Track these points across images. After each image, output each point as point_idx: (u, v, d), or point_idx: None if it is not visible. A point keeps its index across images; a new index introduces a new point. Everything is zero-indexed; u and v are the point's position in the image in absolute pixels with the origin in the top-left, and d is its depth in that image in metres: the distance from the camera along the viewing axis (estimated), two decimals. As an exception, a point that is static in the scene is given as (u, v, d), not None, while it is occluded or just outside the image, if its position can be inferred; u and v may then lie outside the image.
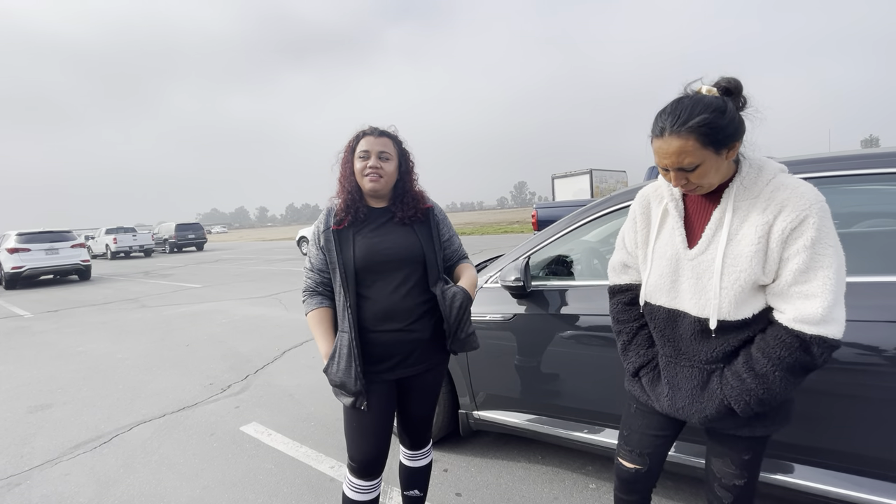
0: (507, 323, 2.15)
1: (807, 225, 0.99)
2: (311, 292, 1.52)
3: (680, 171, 1.05)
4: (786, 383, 1.03)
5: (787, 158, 1.74)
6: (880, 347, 1.36)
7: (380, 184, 1.47)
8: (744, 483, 1.18)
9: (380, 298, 1.44)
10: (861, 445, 1.41)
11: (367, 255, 1.44)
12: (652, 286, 1.21)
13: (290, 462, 2.53)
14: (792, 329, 1.01)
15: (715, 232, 1.09)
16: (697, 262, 1.11)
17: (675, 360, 1.20)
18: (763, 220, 1.03)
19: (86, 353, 5.09)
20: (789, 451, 1.53)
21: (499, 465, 2.38)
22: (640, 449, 1.31)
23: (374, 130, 1.50)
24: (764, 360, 1.04)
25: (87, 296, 9.82)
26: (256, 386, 3.76)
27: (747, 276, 1.04)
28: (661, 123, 1.04)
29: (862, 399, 1.39)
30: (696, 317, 1.12)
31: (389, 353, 1.46)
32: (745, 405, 1.06)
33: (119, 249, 21.52)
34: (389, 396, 1.51)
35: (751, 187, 1.06)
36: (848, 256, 1.63)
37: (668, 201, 1.19)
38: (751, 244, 1.03)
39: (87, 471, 2.57)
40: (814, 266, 0.99)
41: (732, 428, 1.15)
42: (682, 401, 1.18)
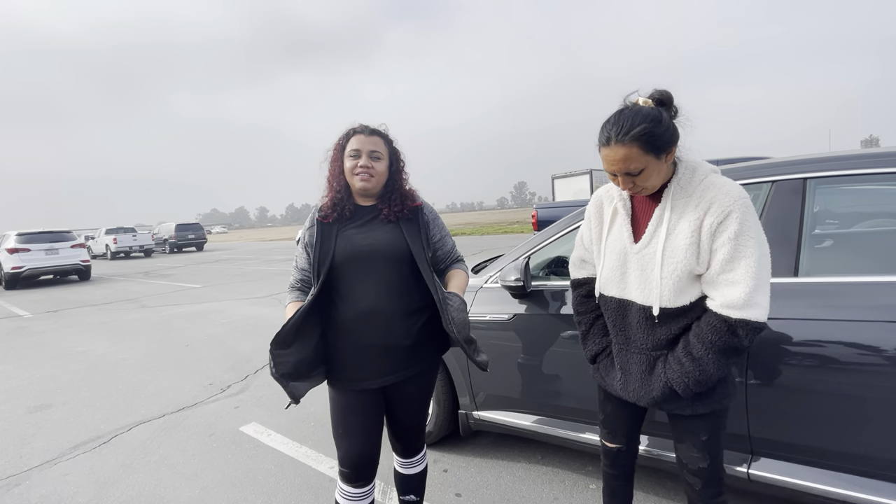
0: (508, 323, 2.15)
1: (731, 219, 1.11)
2: (292, 288, 1.53)
3: (627, 176, 1.16)
4: (718, 365, 1.16)
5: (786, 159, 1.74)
6: (881, 347, 1.35)
7: (371, 183, 1.44)
8: (708, 465, 1.27)
9: (361, 298, 1.40)
10: (863, 446, 1.41)
11: (347, 253, 1.40)
12: (604, 279, 1.33)
13: (290, 462, 2.53)
14: (720, 314, 1.13)
15: (656, 228, 1.22)
16: (641, 255, 1.23)
17: (627, 348, 1.31)
18: (695, 216, 1.15)
19: (85, 354, 5.08)
20: (792, 452, 1.53)
21: (499, 466, 2.37)
22: (616, 430, 1.45)
23: (365, 129, 1.46)
24: (699, 344, 1.16)
25: (86, 296, 9.81)
26: (256, 386, 3.75)
27: (683, 266, 1.16)
28: (607, 133, 1.15)
29: (863, 399, 1.39)
30: (641, 305, 1.24)
31: (370, 358, 1.41)
32: (684, 386, 1.18)
33: (119, 249, 21.52)
34: (375, 405, 1.46)
35: (686, 187, 1.19)
36: (849, 256, 1.63)
37: (618, 201, 1.32)
38: (685, 238, 1.16)
39: (86, 471, 2.56)
40: (737, 256, 1.11)
41: (678, 409, 1.26)
42: (633, 384, 1.30)
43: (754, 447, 1.59)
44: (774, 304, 1.52)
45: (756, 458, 1.59)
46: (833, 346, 1.42)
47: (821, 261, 1.59)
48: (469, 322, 1.51)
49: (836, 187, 1.64)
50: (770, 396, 1.52)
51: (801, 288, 1.52)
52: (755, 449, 1.59)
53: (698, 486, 1.30)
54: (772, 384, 1.51)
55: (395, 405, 1.53)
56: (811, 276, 1.52)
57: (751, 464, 1.59)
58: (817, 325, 1.45)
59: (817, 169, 1.60)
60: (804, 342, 1.47)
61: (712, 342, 1.14)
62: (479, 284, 2.34)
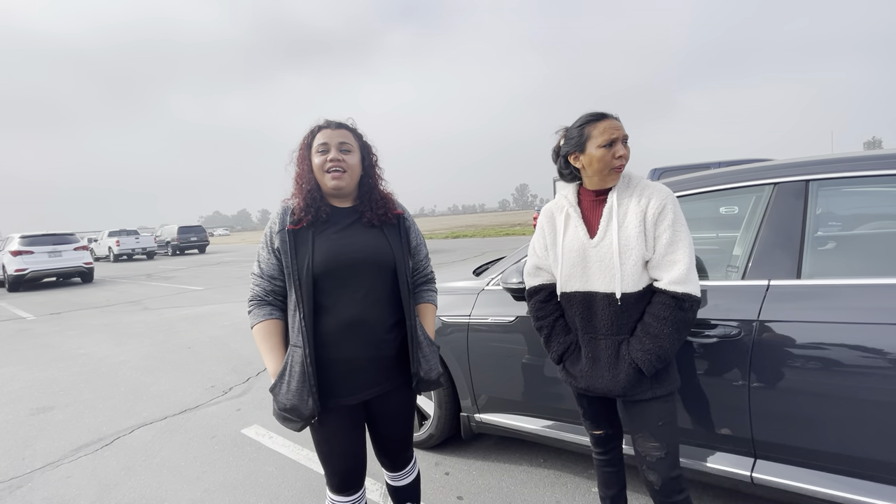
0: (510, 325, 2.14)
1: (667, 210, 1.34)
2: (260, 302, 1.35)
3: (624, 144, 1.37)
4: (672, 339, 1.32)
5: (788, 161, 1.73)
6: (885, 350, 1.35)
7: (343, 179, 1.33)
8: (665, 454, 1.37)
9: (344, 309, 1.29)
10: (867, 449, 1.40)
11: (329, 259, 1.28)
12: (566, 276, 1.45)
13: (292, 465, 2.53)
14: (668, 290, 1.32)
15: (608, 223, 1.38)
16: (599, 248, 1.38)
17: (594, 336, 1.42)
18: (639, 209, 1.35)
19: (88, 356, 5.09)
20: (795, 455, 1.52)
21: (501, 469, 2.37)
22: (596, 420, 1.59)
23: (331, 123, 1.37)
24: (655, 322, 1.33)
25: (89, 298, 9.84)
26: (258, 388, 3.76)
27: (636, 251, 1.33)
28: (603, 112, 1.39)
29: (867, 402, 1.38)
30: (605, 293, 1.37)
31: (352, 372, 1.31)
32: (648, 363, 1.32)
33: (122, 252, 21.58)
34: (356, 420, 1.38)
35: (626, 189, 1.40)
36: (852, 259, 1.63)
37: (568, 208, 1.47)
38: (635, 226, 1.34)
39: (88, 473, 2.57)
40: (675, 240, 1.33)
41: (640, 393, 1.37)
42: (601, 370, 1.41)
43: (757, 450, 1.58)
44: (778, 307, 1.52)
45: (759, 462, 1.58)
46: (836, 349, 1.41)
47: (823, 263, 1.58)
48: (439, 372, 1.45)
49: (838, 189, 1.63)
50: (773, 399, 1.51)
51: (803, 290, 1.51)
52: (758, 452, 1.58)
53: (658, 483, 1.38)
54: (775, 387, 1.51)
55: (380, 420, 1.44)
56: (814, 279, 1.52)
57: (754, 467, 1.58)
58: (820, 327, 1.45)
59: (820, 171, 1.59)
60: (807, 345, 1.46)
61: (665, 318, 1.31)
62: (481, 287, 2.34)
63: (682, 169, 7.50)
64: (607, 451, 1.62)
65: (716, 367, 1.59)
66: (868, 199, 1.77)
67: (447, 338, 2.36)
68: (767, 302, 1.53)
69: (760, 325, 1.52)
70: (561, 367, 1.54)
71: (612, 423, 1.59)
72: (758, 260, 1.61)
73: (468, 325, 2.29)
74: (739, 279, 1.63)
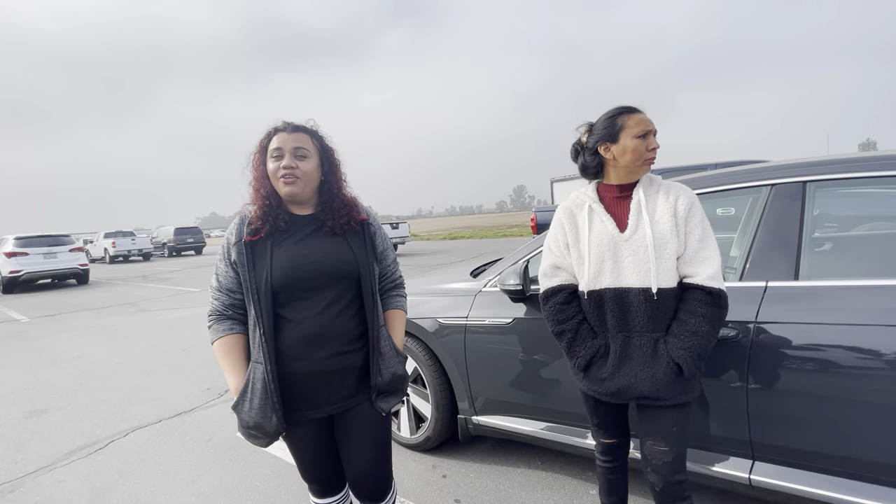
0: (507, 327, 2.13)
1: (696, 207, 1.35)
2: (219, 316, 1.29)
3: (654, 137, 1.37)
4: (709, 336, 1.30)
5: (785, 162, 1.73)
6: (882, 351, 1.34)
7: (297, 186, 1.25)
8: (672, 460, 1.35)
9: (306, 320, 1.23)
10: (866, 451, 1.39)
11: (288, 271, 1.22)
12: (594, 272, 1.39)
13: (288, 468, 2.51)
14: (705, 286, 1.30)
15: (638, 216, 1.36)
16: (632, 241, 1.34)
17: (628, 335, 1.36)
18: (669, 205, 1.34)
19: (82, 358, 5.05)
20: (793, 457, 1.52)
21: (498, 471, 2.35)
22: (611, 429, 1.54)
23: (288, 126, 1.28)
24: (692, 319, 1.30)
25: (85, 300, 9.78)
26: (254, 391, 3.73)
27: (672, 245, 1.32)
28: (630, 106, 1.38)
29: (865, 404, 1.38)
30: (640, 288, 1.33)
31: (314, 385, 1.25)
32: (690, 361, 1.29)
33: (117, 253, 21.47)
34: (324, 433, 1.33)
35: (650, 186, 1.39)
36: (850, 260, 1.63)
37: (591, 203, 1.43)
38: (668, 220, 1.33)
39: (81, 477, 2.54)
40: (705, 236, 1.33)
41: (672, 397, 1.33)
42: (634, 370, 1.35)
43: (755, 452, 1.57)
44: (775, 308, 1.52)
45: (757, 464, 1.58)
46: (834, 351, 1.41)
47: (821, 264, 1.58)
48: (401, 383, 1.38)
49: (835, 191, 1.63)
50: (771, 401, 1.51)
51: (801, 292, 1.51)
52: (756, 454, 1.57)
53: (660, 485, 1.37)
54: (773, 389, 1.50)
55: (350, 437, 1.32)
56: (812, 280, 1.52)
57: (752, 469, 1.58)
58: (818, 328, 1.44)
59: (817, 172, 1.59)
60: (805, 346, 1.46)
61: (703, 314, 1.29)
62: (478, 288, 2.33)
63: (679, 170, 7.53)
64: (615, 458, 1.57)
65: (713, 368, 1.58)
66: (865, 200, 1.77)
67: (444, 339, 2.35)
68: (765, 303, 1.53)
69: (758, 326, 1.52)
70: (582, 376, 1.44)
71: (624, 431, 1.56)
72: (755, 261, 1.60)
73: (465, 327, 2.28)
74: (737, 281, 1.63)
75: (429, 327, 2.39)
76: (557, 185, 18.80)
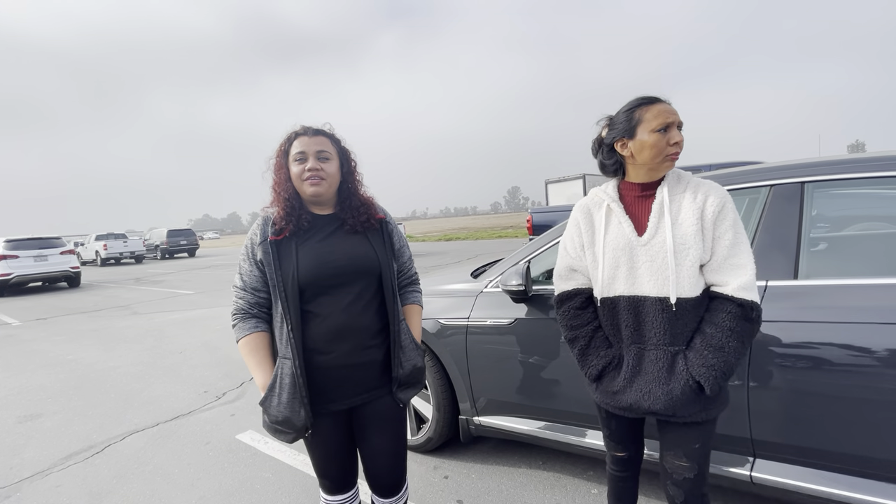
0: (509, 327, 2.14)
1: (727, 209, 1.21)
2: (245, 315, 1.32)
3: (678, 129, 1.24)
4: (737, 353, 1.18)
5: (783, 163, 1.76)
6: (882, 349, 1.37)
7: (322, 187, 1.31)
8: (694, 476, 1.26)
9: (331, 315, 1.27)
10: (865, 448, 1.42)
11: (314, 268, 1.27)
12: (608, 278, 1.30)
13: (288, 470, 2.49)
14: (736, 298, 1.17)
15: (659, 218, 1.24)
16: (650, 246, 1.24)
17: (642, 347, 1.27)
18: (696, 206, 1.21)
19: (76, 362, 4.99)
20: (794, 454, 1.53)
21: (500, 471, 2.36)
22: (623, 441, 1.45)
23: (308, 129, 1.34)
24: (719, 333, 1.17)
25: (76, 303, 9.66)
26: (252, 393, 3.71)
27: (695, 251, 1.19)
28: (655, 97, 1.25)
29: (865, 401, 1.40)
30: (657, 297, 1.22)
31: (340, 379, 1.30)
32: (713, 380, 1.17)
33: (109, 256, 21.23)
34: (344, 426, 1.37)
35: (678, 184, 1.27)
36: (848, 259, 1.65)
37: (609, 202, 1.32)
38: (692, 224, 1.20)
39: (78, 482, 2.51)
40: (738, 241, 1.20)
41: (692, 414, 1.22)
42: (647, 384, 1.24)
43: (756, 449, 1.59)
44: (775, 307, 1.53)
45: (758, 461, 1.60)
46: (834, 349, 1.43)
47: (820, 263, 1.61)
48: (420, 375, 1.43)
49: (833, 191, 1.66)
50: (772, 399, 1.53)
51: (800, 290, 1.53)
52: (757, 451, 1.59)
53: (680, 498, 1.28)
54: (773, 386, 1.52)
55: (369, 429, 1.38)
56: (811, 279, 1.54)
57: (753, 466, 1.60)
58: (818, 327, 1.47)
59: (815, 172, 1.62)
60: (805, 344, 1.48)
61: (731, 329, 1.16)
62: (480, 289, 2.33)
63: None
64: (625, 470, 1.48)
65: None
66: (862, 200, 1.80)
67: (445, 340, 2.35)
68: (765, 302, 1.55)
69: (759, 325, 1.53)
70: (595, 387, 1.37)
71: (637, 445, 1.46)
72: (755, 261, 1.62)
73: (467, 328, 2.28)
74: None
75: (430, 328, 2.40)
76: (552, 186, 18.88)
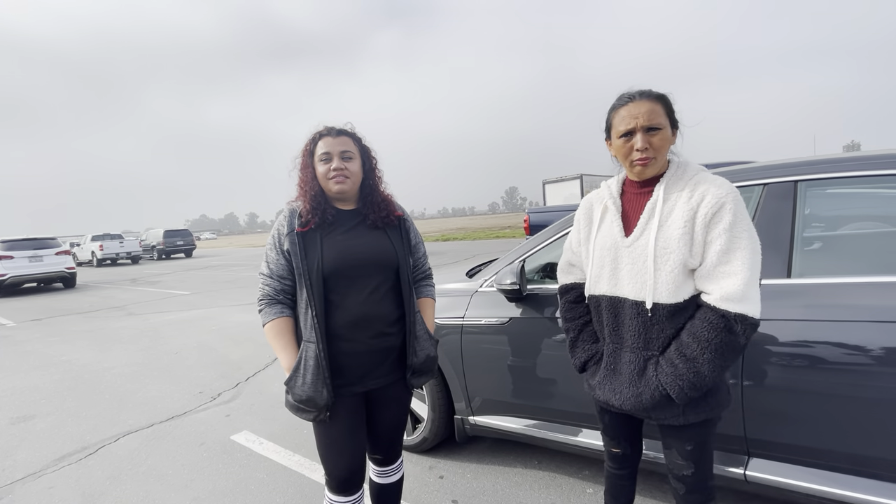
0: (503, 327, 2.14)
1: (725, 210, 1.12)
2: (271, 301, 1.40)
3: (646, 133, 1.17)
4: (714, 366, 1.11)
5: (777, 162, 1.76)
6: (874, 347, 1.37)
7: (346, 185, 1.41)
8: (692, 473, 1.26)
9: (353, 305, 1.37)
10: (858, 446, 1.42)
11: (337, 259, 1.36)
12: (594, 277, 1.31)
13: (283, 471, 2.48)
14: (718, 308, 1.11)
15: (648, 220, 1.21)
16: (633, 248, 1.22)
17: (620, 348, 1.28)
18: (689, 207, 1.15)
19: (70, 363, 4.97)
20: (788, 453, 1.54)
21: (495, 471, 2.35)
22: (617, 437, 1.44)
23: (332, 130, 1.42)
24: (693, 343, 1.13)
25: (72, 304, 9.61)
26: (247, 393, 3.70)
27: (676, 256, 1.14)
28: (630, 95, 1.21)
29: (858, 399, 1.40)
30: (634, 300, 1.21)
31: (360, 363, 1.39)
32: (679, 390, 1.14)
33: (105, 256, 21.14)
34: (359, 409, 1.44)
35: (678, 181, 1.21)
36: (841, 258, 1.65)
37: (608, 200, 1.32)
38: (678, 228, 1.15)
39: (72, 483, 2.49)
40: (732, 247, 1.11)
41: (666, 418, 1.22)
42: (622, 386, 1.25)
43: (750, 448, 1.59)
44: (768, 305, 1.53)
45: (752, 459, 1.60)
46: (827, 347, 1.43)
47: (813, 262, 1.61)
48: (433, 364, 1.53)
49: (826, 190, 1.66)
50: (766, 397, 1.53)
51: (794, 289, 1.53)
52: (751, 450, 1.59)
53: (682, 490, 1.30)
54: (767, 385, 1.52)
55: (379, 409, 1.50)
56: (804, 278, 1.54)
57: (747, 465, 1.60)
58: (811, 325, 1.47)
59: (808, 172, 1.62)
60: (798, 343, 1.48)
61: (709, 340, 1.11)
62: (475, 288, 2.33)
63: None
64: (622, 467, 1.47)
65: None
66: (856, 199, 1.80)
67: (441, 340, 2.34)
68: (759, 301, 1.55)
69: (752, 323, 1.54)
70: (586, 381, 1.41)
71: (632, 442, 1.44)
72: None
73: (462, 327, 2.28)
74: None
75: (425, 328, 2.39)
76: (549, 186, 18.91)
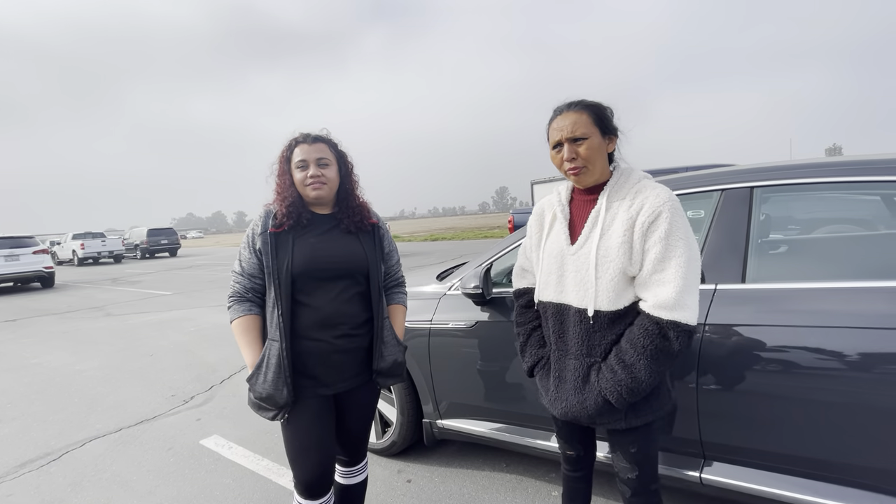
0: (470, 330, 2.13)
1: (661, 219, 1.14)
2: (240, 298, 1.43)
3: (572, 144, 1.21)
4: (650, 371, 1.15)
5: (735, 168, 1.78)
6: (826, 351, 1.38)
7: (323, 191, 1.43)
8: (636, 476, 1.29)
9: (320, 306, 1.39)
10: (812, 449, 1.43)
11: (308, 261, 1.38)
12: (542, 283, 1.34)
13: (250, 476, 2.45)
14: (652, 315, 1.14)
15: (591, 229, 1.24)
16: (577, 256, 1.24)
17: (564, 354, 1.30)
18: (628, 216, 1.18)
19: (41, 365, 4.85)
20: (743, 456, 1.55)
21: (463, 475, 2.35)
22: (570, 439, 1.46)
23: (308, 137, 1.44)
24: (631, 350, 1.16)
25: (49, 304, 9.41)
26: (221, 397, 3.64)
27: (616, 265, 1.17)
28: (560, 107, 1.26)
29: (811, 403, 1.41)
30: (577, 308, 1.24)
31: (324, 363, 1.40)
32: (618, 396, 1.17)
33: (87, 255, 20.70)
34: (328, 412, 1.45)
35: (620, 189, 1.23)
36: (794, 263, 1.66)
37: (557, 207, 1.34)
38: (619, 236, 1.17)
39: (31, 490, 2.43)
40: (668, 255, 1.13)
41: (611, 422, 1.25)
42: (567, 394, 1.28)
43: (706, 451, 1.61)
44: (724, 310, 1.55)
45: (708, 463, 1.61)
46: (780, 351, 1.45)
47: (767, 267, 1.63)
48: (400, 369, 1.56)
49: (781, 196, 1.68)
50: (720, 401, 1.54)
51: (748, 294, 1.55)
52: (707, 453, 1.61)
53: (627, 494, 1.33)
54: (722, 388, 1.54)
55: (347, 412, 1.51)
56: (758, 283, 1.56)
57: (703, 468, 1.61)
58: (764, 330, 1.48)
59: (763, 178, 1.64)
60: (752, 347, 1.49)
61: (644, 346, 1.14)
62: (443, 292, 2.32)
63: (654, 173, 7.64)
64: (577, 469, 1.50)
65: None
66: (810, 205, 1.83)
67: (409, 343, 2.32)
68: (714, 305, 1.56)
69: (707, 328, 1.55)
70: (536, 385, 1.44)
71: (585, 444, 1.47)
72: (706, 265, 1.64)
73: (429, 330, 2.27)
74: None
75: (394, 331, 2.37)
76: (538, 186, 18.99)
